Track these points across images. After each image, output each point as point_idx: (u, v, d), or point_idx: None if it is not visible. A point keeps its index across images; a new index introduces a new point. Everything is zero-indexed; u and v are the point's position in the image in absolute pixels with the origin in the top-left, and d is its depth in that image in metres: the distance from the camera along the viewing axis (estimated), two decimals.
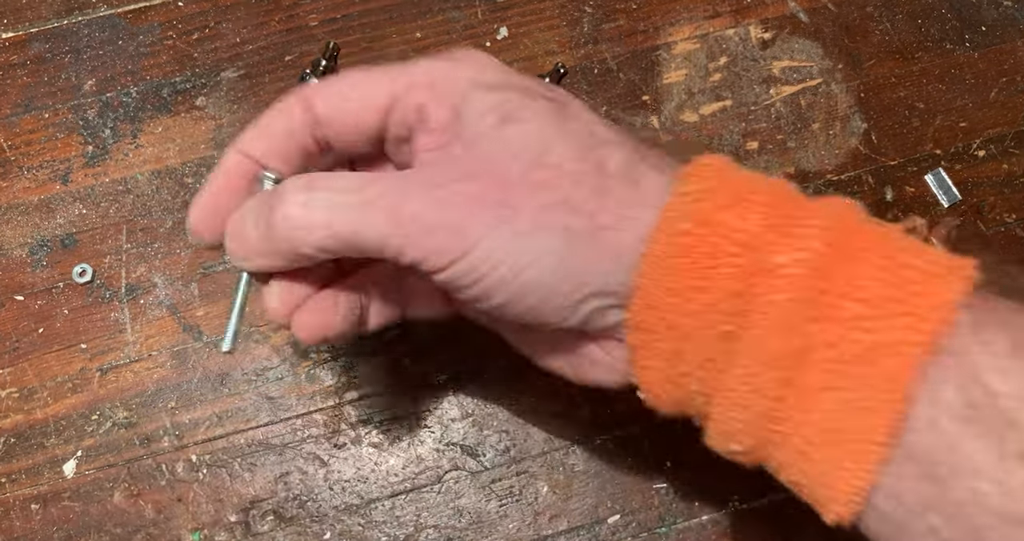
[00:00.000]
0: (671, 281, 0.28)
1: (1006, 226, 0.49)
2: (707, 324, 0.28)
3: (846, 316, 0.26)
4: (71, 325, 0.46)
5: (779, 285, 0.26)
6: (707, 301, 0.27)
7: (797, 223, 0.27)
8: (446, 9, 0.51)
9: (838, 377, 0.26)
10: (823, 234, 0.27)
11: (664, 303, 0.28)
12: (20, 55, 0.50)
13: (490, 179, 0.28)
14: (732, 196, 0.28)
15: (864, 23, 0.52)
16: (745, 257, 0.27)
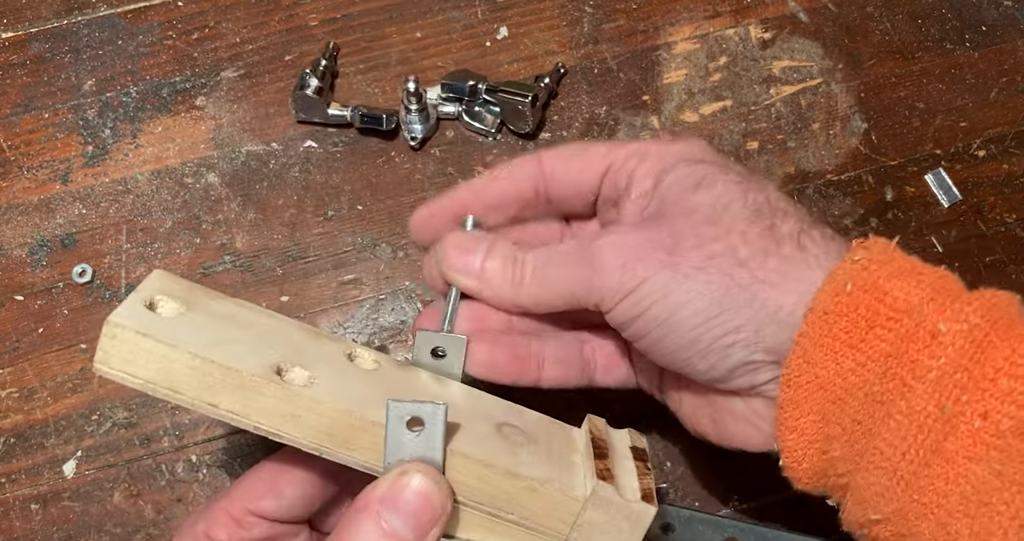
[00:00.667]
0: (829, 339, 0.29)
1: (1006, 226, 0.49)
2: (858, 384, 0.29)
3: (1002, 390, 0.26)
4: (71, 325, 0.46)
5: (937, 352, 0.27)
6: (859, 360, 0.28)
7: (959, 299, 0.28)
8: (446, 9, 0.51)
9: (988, 449, 0.26)
10: (984, 311, 0.27)
11: (819, 360, 0.29)
12: (20, 55, 0.50)
13: (667, 231, 0.31)
14: (900, 269, 0.29)
15: (864, 23, 0.52)
16: (903, 323, 0.28)
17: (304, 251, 0.47)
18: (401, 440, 0.30)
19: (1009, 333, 0.27)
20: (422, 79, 0.48)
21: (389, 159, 0.49)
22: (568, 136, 0.49)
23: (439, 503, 0.29)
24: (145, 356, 0.29)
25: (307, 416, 0.30)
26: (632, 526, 0.31)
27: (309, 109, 0.48)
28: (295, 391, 0.30)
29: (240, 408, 0.30)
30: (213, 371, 0.29)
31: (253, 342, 0.31)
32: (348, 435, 0.30)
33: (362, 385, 0.32)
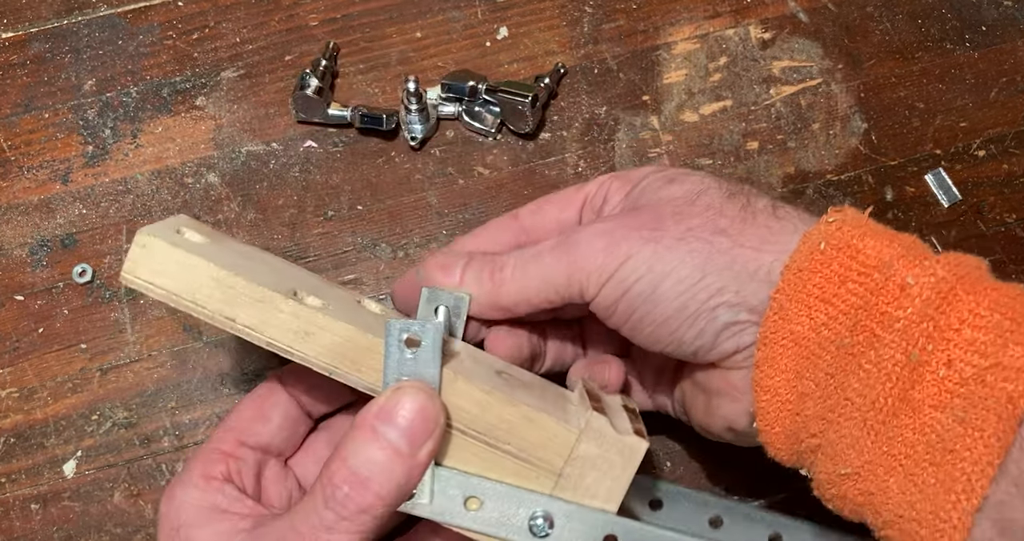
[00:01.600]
0: (803, 295, 0.30)
1: (1006, 226, 0.49)
2: (830, 338, 0.30)
3: (965, 340, 0.27)
4: (71, 325, 0.46)
5: (905, 303, 0.28)
6: (831, 313, 0.29)
7: (928, 257, 0.29)
8: (446, 9, 0.51)
9: (952, 396, 0.27)
10: (951, 267, 0.29)
11: (793, 315, 0.30)
12: (20, 55, 0.50)
13: (648, 215, 0.32)
14: (873, 230, 0.30)
15: (864, 23, 0.52)
16: (873, 277, 0.29)
17: (304, 251, 0.47)
18: (399, 360, 0.31)
19: (974, 287, 0.28)
20: (422, 79, 0.48)
21: (389, 159, 0.49)
22: (568, 136, 0.49)
23: (433, 416, 0.31)
24: (172, 267, 0.31)
25: (320, 334, 0.31)
26: (624, 461, 0.32)
27: (309, 109, 0.48)
28: (310, 310, 0.31)
29: (257, 323, 0.31)
30: (235, 285, 0.31)
31: (272, 272, 0.34)
32: (357, 355, 0.32)
33: (368, 318, 0.34)
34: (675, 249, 0.31)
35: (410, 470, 0.31)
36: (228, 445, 0.35)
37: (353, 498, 0.30)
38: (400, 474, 0.30)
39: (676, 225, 0.32)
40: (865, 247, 0.30)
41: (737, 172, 0.49)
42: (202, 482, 0.34)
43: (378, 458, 0.30)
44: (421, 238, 0.48)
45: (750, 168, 0.49)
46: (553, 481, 0.32)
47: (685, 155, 0.49)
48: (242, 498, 0.34)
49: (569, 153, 0.49)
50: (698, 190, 0.33)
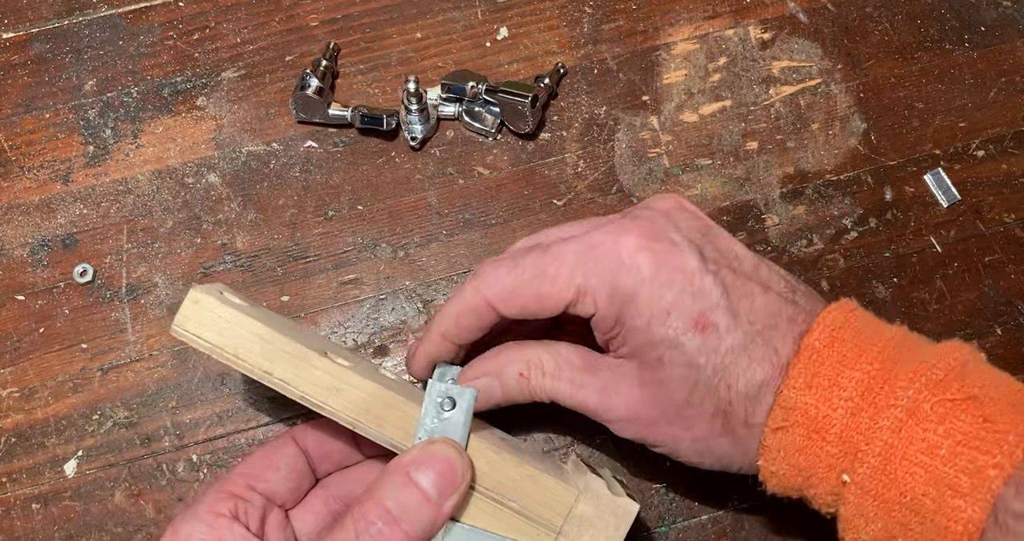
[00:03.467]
0: (783, 482, 0.36)
1: (1005, 226, 0.49)
2: (819, 502, 0.35)
3: (901, 520, 0.33)
4: (72, 325, 0.46)
5: (848, 498, 0.34)
6: (811, 494, 0.35)
7: (861, 445, 0.33)
8: (446, 9, 0.51)
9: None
10: (877, 459, 0.33)
11: (785, 486, 0.36)
12: (21, 55, 0.50)
13: (659, 409, 0.36)
14: (813, 424, 0.34)
15: (864, 23, 0.52)
16: (827, 472, 0.34)
17: (304, 251, 0.47)
18: (434, 419, 0.35)
19: (900, 468, 0.32)
20: (422, 79, 0.48)
21: (389, 159, 0.49)
22: (568, 136, 0.49)
23: (460, 471, 0.34)
24: (219, 323, 0.34)
25: (348, 390, 0.34)
26: (618, 521, 0.35)
27: (310, 109, 0.48)
28: (341, 368, 0.34)
29: (291, 377, 0.34)
30: (275, 341, 0.34)
31: (303, 336, 0.37)
32: (381, 412, 0.35)
33: (389, 381, 0.37)
34: (700, 453, 0.37)
35: (435, 517, 0.33)
36: (238, 487, 0.36)
37: (384, 533, 0.32)
38: (427, 519, 0.33)
39: (688, 434, 0.36)
40: (811, 447, 0.34)
41: (736, 172, 0.49)
42: (210, 518, 0.35)
43: (410, 501, 0.33)
44: (421, 238, 0.48)
45: (749, 168, 0.49)
46: (552, 538, 0.35)
47: (685, 155, 0.49)
48: (248, 537, 0.35)
49: (569, 153, 0.49)
50: (688, 387, 0.36)
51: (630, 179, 0.49)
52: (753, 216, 0.49)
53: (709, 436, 0.36)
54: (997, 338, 0.47)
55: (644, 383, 0.36)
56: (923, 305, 0.48)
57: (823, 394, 0.34)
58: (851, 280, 0.48)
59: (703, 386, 0.35)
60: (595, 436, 0.45)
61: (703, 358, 0.35)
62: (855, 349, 0.34)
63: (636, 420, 0.36)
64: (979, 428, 0.31)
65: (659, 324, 0.35)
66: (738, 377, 0.35)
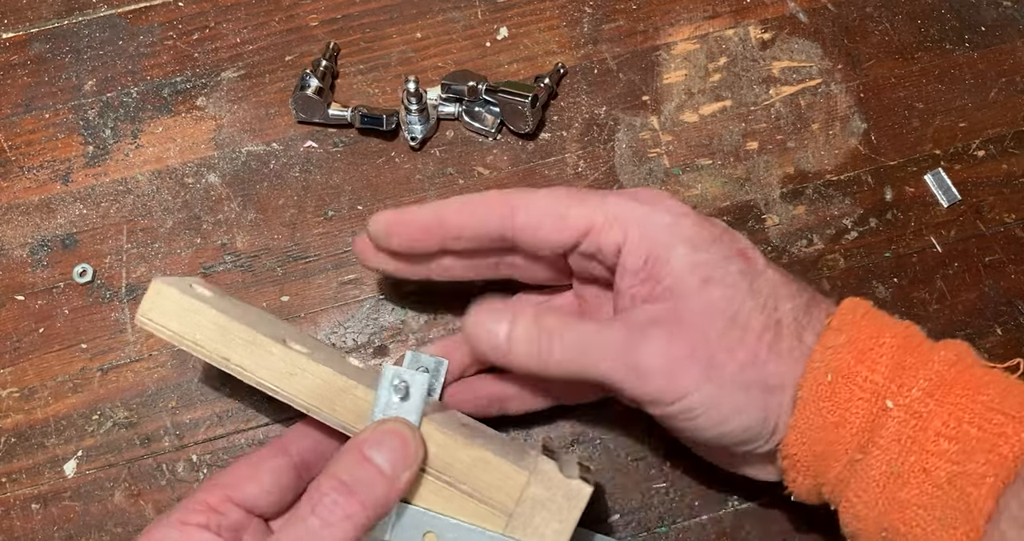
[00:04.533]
0: (820, 418, 0.34)
1: (1005, 226, 0.49)
2: (842, 452, 0.34)
3: (940, 450, 0.32)
4: (72, 325, 0.46)
5: (887, 423, 0.33)
6: (844, 435, 0.34)
7: (911, 376, 0.33)
8: (446, 9, 0.51)
9: (931, 498, 0.32)
10: (927, 385, 0.33)
11: (812, 437, 0.35)
12: (21, 55, 0.50)
13: (698, 337, 0.34)
14: (863, 350, 0.34)
15: (864, 23, 0.52)
16: (870, 402, 0.34)
17: (304, 251, 0.47)
18: (387, 402, 0.35)
19: (952, 398, 0.33)
20: (422, 79, 0.48)
21: (389, 159, 0.49)
22: (568, 136, 0.49)
23: (413, 448, 0.34)
24: (180, 312, 0.35)
25: (302, 376, 0.35)
26: (571, 505, 0.35)
27: (309, 109, 0.48)
28: (296, 354, 0.36)
29: (248, 363, 0.35)
30: (232, 329, 0.35)
31: (267, 324, 0.38)
32: (334, 396, 0.36)
33: (349, 368, 0.38)
34: (735, 393, 0.34)
35: (390, 491, 0.34)
36: (214, 498, 0.36)
37: (340, 503, 0.33)
38: (382, 492, 0.33)
39: (729, 359, 0.34)
40: (860, 372, 0.34)
41: (737, 172, 0.49)
42: (179, 525, 0.35)
43: (365, 475, 0.33)
44: None
45: (749, 168, 0.49)
46: (505, 521, 0.35)
47: (685, 155, 0.49)
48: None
49: (569, 153, 0.49)
50: (737, 303, 0.35)
51: (630, 179, 0.49)
52: (753, 216, 0.49)
53: (754, 361, 0.34)
54: (997, 338, 0.47)
55: (682, 315, 0.35)
56: (923, 305, 0.48)
57: (871, 331, 0.35)
58: (851, 280, 0.48)
59: (751, 304, 0.35)
60: (595, 437, 0.45)
61: (748, 278, 0.35)
62: (885, 319, 0.36)
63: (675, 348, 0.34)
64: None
65: (703, 250, 0.35)
66: (785, 299, 0.35)
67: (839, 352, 0.34)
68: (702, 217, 0.37)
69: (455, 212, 0.37)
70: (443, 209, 0.38)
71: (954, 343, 0.35)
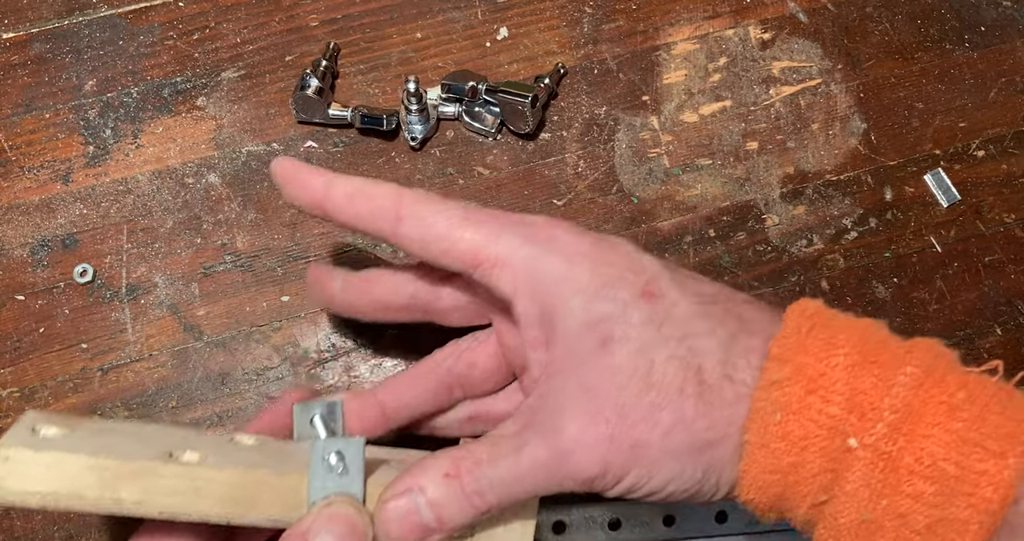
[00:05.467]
0: (773, 461, 0.30)
1: (1005, 226, 0.49)
2: (805, 494, 0.31)
3: (916, 492, 0.29)
4: (72, 325, 0.46)
5: (855, 466, 0.29)
6: (804, 477, 0.30)
7: (872, 405, 0.30)
8: (446, 9, 0.51)
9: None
10: (893, 418, 0.29)
11: (767, 481, 0.31)
12: (21, 55, 0.50)
13: (612, 413, 0.31)
14: (813, 378, 0.30)
15: (864, 23, 0.52)
16: (829, 439, 0.30)
17: (305, 251, 0.47)
18: (324, 478, 0.31)
19: (922, 430, 0.29)
20: (422, 79, 0.48)
21: (389, 159, 0.49)
22: (568, 136, 0.49)
23: (361, 529, 0.31)
24: (41, 470, 0.29)
25: (208, 487, 0.31)
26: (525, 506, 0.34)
27: (310, 109, 0.48)
28: (190, 466, 0.31)
29: (143, 496, 0.30)
30: (109, 465, 0.30)
31: (139, 441, 0.32)
32: (251, 495, 0.31)
33: (250, 454, 0.33)
34: (667, 463, 0.31)
35: None
36: None
37: None
38: None
39: (652, 430, 0.31)
40: (813, 405, 0.30)
41: (737, 172, 0.49)
42: None
43: None
44: None
45: (749, 168, 0.49)
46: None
47: (685, 155, 0.49)
48: None
49: (569, 153, 0.49)
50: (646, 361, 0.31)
51: (630, 179, 0.49)
52: (753, 216, 0.49)
53: (681, 422, 0.31)
54: (997, 338, 0.47)
55: (589, 386, 0.31)
56: (923, 305, 0.48)
57: (819, 351, 0.30)
58: (851, 280, 0.48)
59: (663, 355, 0.31)
60: None
61: (655, 325, 0.31)
62: (838, 324, 0.31)
63: (596, 438, 0.31)
64: (1003, 393, 0.29)
65: (601, 299, 0.31)
66: (703, 337, 0.31)
67: (785, 386, 0.30)
68: (603, 247, 0.32)
69: (342, 195, 0.34)
70: (333, 187, 0.34)
71: (922, 347, 0.31)
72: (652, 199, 0.49)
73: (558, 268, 0.32)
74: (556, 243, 0.32)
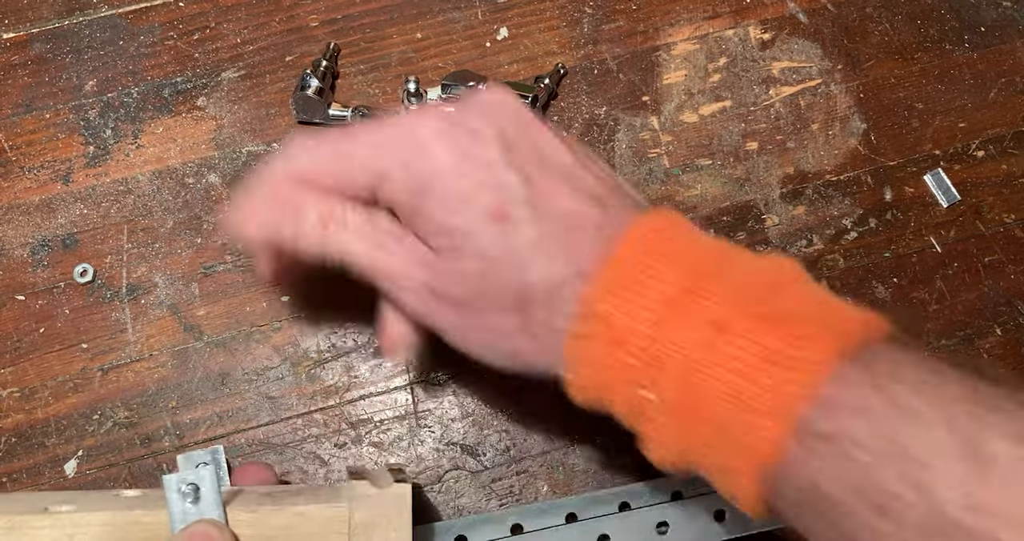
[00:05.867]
0: (585, 399, 0.34)
1: (1005, 226, 0.49)
2: (623, 421, 0.34)
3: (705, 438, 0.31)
4: (72, 325, 0.46)
5: (650, 412, 0.32)
6: (617, 412, 0.33)
7: (668, 355, 0.31)
8: (446, 9, 0.51)
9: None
10: (680, 370, 0.31)
11: (590, 402, 0.34)
12: (21, 55, 0.50)
13: (466, 290, 0.34)
14: (619, 332, 0.32)
15: (863, 24, 0.52)
16: (630, 388, 0.32)
17: None
18: (183, 510, 0.33)
19: (703, 382, 0.30)
20: (422, 80, 0.48)
21: None
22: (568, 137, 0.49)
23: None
24: None
25: (84, 531, 0.33)
26: (398, 510, 0.35)
27: (310, 110, 0.48)
28: (65, 515, 0.33)
29: None
30: None
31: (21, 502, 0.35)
32: (125, 535, 0.33)
33: (129, 502, 0.35)
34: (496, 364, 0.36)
35: None
36: None
37: None
38: None
39: (482, 335, 0.35)
40: (615, 356, 0.32)
41: (736, 172, 0.49)
42: None
43: None
44: None
45: (749, 168, 0.49)
46: None
47: (685, 156, 0.49)
48: None
49: None
50: (483, 283, 0.34)
51: (630, 179, 0.49)
52: (753, 216, 0.49)
53: (505, 330, 0.34)
54: (997, 338, 0.47)
55: (441, 270, 0.34)
56: (923, 305, 0.48)
57: (626, 303, 0.32)
58: (851, 280, 0.48)
59: (500, 279, 0.33)
60: (595, 437, 0.45)
61: (498, 250, 0.33)
62: (666, 259, 0.32)
63: (431, 294, 0.35)
64: (788, 345, 0.29)
65: (452, 213, 0.33)
66: (537, 274, 0.33)
67: (589, 342, 0.32)
68: (467, 160, 0.34)
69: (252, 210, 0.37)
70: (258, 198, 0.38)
71: (743, 278, 0.31)
72: (652, 199, 0.49)
73: (422, 176, 0.34)
74: (420, 153, 0.34)
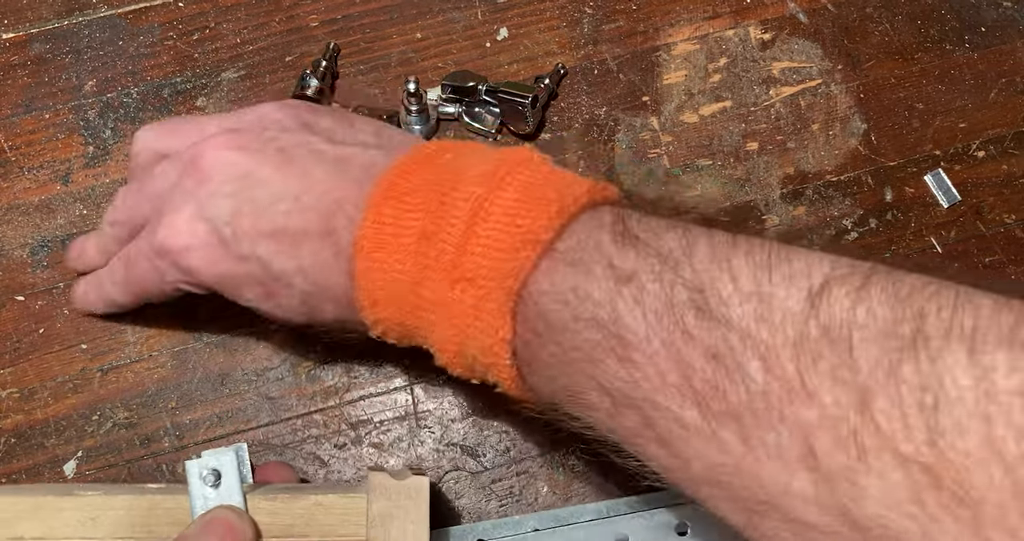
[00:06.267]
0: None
1: (1005, 227, 0.49)
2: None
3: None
4: (72, 325, 0.46)
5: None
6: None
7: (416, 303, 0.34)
8: (446, 10, 0.51)
9: None
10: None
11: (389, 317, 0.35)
12: (21, 55, 0.50)
13: None
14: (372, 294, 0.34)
15: (864, 24, 0.52)
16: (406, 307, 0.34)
17: None
18: (204, 496, 0.34)
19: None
20: (422, 80, 0.48)
21: None
22: (568, 137, 0.49)
23: (241, 530, 0.33)
24: None
25: (105, 514, 0.34)
26: (415, 502, 0.36)
27: None
28: (89, 497, 0.34)
29: (44, 529, 0.34)
30: (8, 504, 0.34)
31: (52, 490, 0.36)
32: (147, 520, 0.34)
33: (149, 490, 0.36)
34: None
35: None
36: None
37: None
38: None
39: None
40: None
41: (737, 173, 0.49)
42: None
43: None
44: None
45: (750, 169, 0.49)
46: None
47: (685, 156, 0.49)
48: None
49: (569, 154, 0.49)
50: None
51: (630, 179, 0.49)
52: (753, 217, 0.49)
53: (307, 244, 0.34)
54: None
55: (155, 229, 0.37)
56: None
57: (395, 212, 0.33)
58: None
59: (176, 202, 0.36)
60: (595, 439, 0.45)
61: (190, 206, 0.36)
62: (427, 169, 0.34)
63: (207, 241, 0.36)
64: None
65: (155, 176, 0.38)
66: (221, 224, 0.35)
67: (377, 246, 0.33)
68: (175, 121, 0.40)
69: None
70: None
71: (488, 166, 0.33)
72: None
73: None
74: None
